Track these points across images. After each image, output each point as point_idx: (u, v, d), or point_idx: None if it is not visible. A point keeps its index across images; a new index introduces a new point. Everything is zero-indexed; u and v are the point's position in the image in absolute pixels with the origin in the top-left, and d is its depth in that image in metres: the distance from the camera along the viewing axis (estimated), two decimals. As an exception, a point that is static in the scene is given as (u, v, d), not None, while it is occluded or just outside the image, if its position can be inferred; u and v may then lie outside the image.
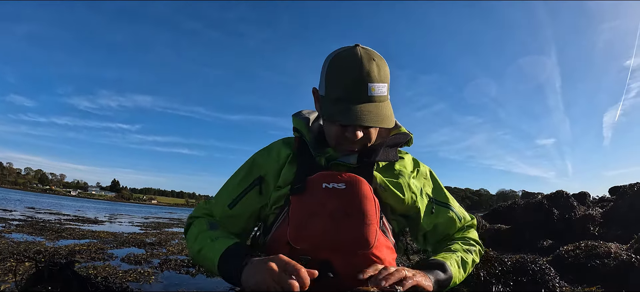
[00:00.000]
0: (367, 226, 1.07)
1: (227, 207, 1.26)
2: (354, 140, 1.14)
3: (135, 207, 60.21)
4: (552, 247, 6.39)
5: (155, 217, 25.10)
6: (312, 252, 1.06)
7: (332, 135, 1.19)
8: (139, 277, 4.92)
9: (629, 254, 4.25)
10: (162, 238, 10.29)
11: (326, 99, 1.15)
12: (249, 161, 1.34)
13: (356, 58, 1.09)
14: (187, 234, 1.28)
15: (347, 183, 1.11)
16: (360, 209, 1.08)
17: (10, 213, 15.03)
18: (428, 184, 1.35)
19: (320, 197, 1.09)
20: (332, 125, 1.17)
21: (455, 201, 1.41)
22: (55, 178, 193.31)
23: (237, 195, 1.26)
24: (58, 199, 56.19)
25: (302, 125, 1.28)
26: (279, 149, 1.30)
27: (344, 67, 1.10)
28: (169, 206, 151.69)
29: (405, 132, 1.31)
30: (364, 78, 1.07)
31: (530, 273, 3.39)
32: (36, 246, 6.44)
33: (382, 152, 1.23)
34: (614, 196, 10.06)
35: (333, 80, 1.12)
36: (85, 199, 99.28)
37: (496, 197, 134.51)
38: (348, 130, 1.13)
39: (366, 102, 1.08)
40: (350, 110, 1.07)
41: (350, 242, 1.06)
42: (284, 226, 1.14)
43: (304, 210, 1.09)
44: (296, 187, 1.14)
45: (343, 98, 1.09)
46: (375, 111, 1.08)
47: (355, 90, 1.08)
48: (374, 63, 1.09)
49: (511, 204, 10.53)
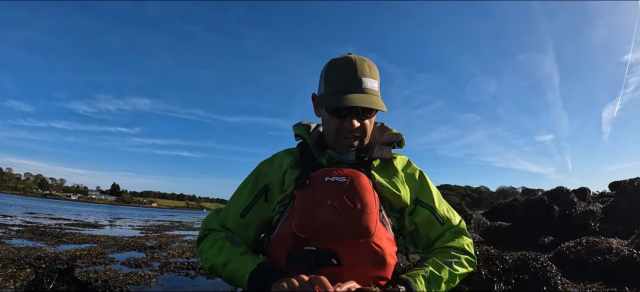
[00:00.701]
0: (367, 215, 1.13)
1: (239, 216, 1.33)
2: (351, 129, 1.26)
3: (135, 211, 60.20)
4: (553, 244, 6.39)
5: (156, 221, 25.12)
6: (316, 241, 1.13)
7: (332, 129, 1.30)
8: (139, 280, 4.92)
9: (631, 250, 4.24)
10: (163, 241, 10.30)
11: (325, 95, 1.29)
12: (254, 171, 1.42)
13: (351, 60, 1.27)
14: (202, 244, 1.32)
15: (348, 176, 1.19)
16: (361, 199, 1.15)
17: (11, 219, 15.06)
18: (415, 185, 1.39)
19: (323, 189, 1.17)
20: (332, 119, 1.28)
21: (443, 204, 1.41)
22: (55, 183, 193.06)
23: (247, 204, 1.33)
24: (58, 204, 56.23)
25: (303, 131, 1.42)
26: (281, 158, 1.40)
27: (340, 66, 1.27)
28: (169, 208, 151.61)
29: (397, 133, 1.43)
30: (357, 73, 1.24)
31: (532, 270, 3.38)
32: (37, 252, 6.44)
33: (377, 150, 1.34)
34: (614, 191, 10.09)
35: (331, 78, 1.28)
36: (85, 203, 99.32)
37: (496, 194, 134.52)
38: (346, 121, 1.26)
39: (361, 93, 1.24)
40: (347, 98, 1.22)
41: (352, 230, 1.12)
42: (289, 219, 1.20)
43: (308, 201, 1.16)
44: (300, 182, 1.21)
45: (340, 91, 1.24)
46: (369, 99, 1.23)
47: (351, 84, 1.24)
48: (366, 63, 1.28)
49: (511, 201, 10.52)
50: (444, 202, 1.42)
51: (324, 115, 1.33)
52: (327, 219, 1.12)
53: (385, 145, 1.38)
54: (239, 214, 1.33)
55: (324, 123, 1.36)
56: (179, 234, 13.86)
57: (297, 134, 1.44)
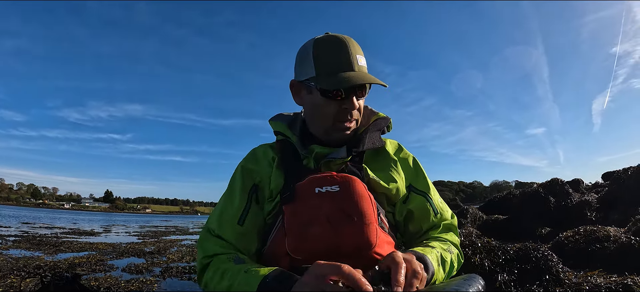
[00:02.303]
0: (367, 226, 1.00)
1: (237, 224, 1.14)
2: (353, 110, 1.17)
3: (130, 217, 59.74)
4: (550, 235, 6.46)
5: (152, 226, 24.94)
6: (312, 261, 0.90)
7: (330, 113, 1.17)
8: (141, 286, 4.90)
9: (628, 236, 4.32)
10: (161, 246, 10.25)
11: (319, 77, 1.15)
12: (238, 170, 1.26)
13: (340, 38, 1.17)
14: (205, 275, 1.11)
15: (341, 185, 1.05)
16: (358, 210, 1.02)
17: (6, 229, 14.86)
18: (410, 171, 1.29)
19: (314, 204, 1.03)
20: (329, 103, 1.16)
21: (436, 194, 1.31)
22: (47, 192, 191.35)
23: (243, 208, 1.17)
24: (52, 213, 55.62)
25: (283, 128, 1.26)
26: (264, 152, 1.28)
27: (331, 45, 1.16)
28: (163, 214, 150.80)
29: (385, 117, 1.32)
30: (351, 51, 1.15)
31: (534, 260, 3.43)
32: (35, 261, 6.37)
33: (368, 140, 1.23)
34: (607, 182, 10.21)
35: (324, 58, 1.15)
36: (79, 212, 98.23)
37: (490, 189, 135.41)
38: (346, 102, 1.15)
39: (357, 70, 1.15)
40: (349, 76, 1.11)
41: (352, 246, 0.99)
42: (279, 236, 1.08)
43: (299, 219, 1.03)
44: (286, 196, 1.08)
45: (336, 70, 1.13)
46: (370, 76, 1.15)
47: (348, 62, 1.14)
48: (353, 41, 1.18)
49: (506, 194, 10.62)
50: (437, 193, 1.32)
51: (315, 101, 1.18)
52: (324, 239, 0.99)
53: (375, 131, 1.27)
54: (236, 221, 1.14)
55: (315, 109, 1.20)
56: (177, 239, 13.79)
57: (277, 132, 1.29)
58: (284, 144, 1.24)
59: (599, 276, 3.36)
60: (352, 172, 1.13)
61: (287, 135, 1.23)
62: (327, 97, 1.15)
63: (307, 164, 1.17)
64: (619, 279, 3.17)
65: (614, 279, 3.21)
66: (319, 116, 1.20)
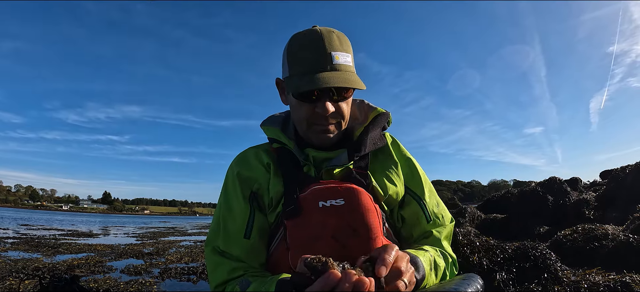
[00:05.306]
0: (373, 241, 0.96)
1: (243, 239, 1.09)
2: (325, 114, 1.06)
3: (128, 218, 59.64)
4: (549, 233, 6.45)
5: (150, 227, 24.89)
6: None
7: (303, 117, 1.10)
8: (141, 287, 4.89)
9: (627, 235, 4.33)
10: (160, 247, 10.23)
11: (291, 78, 1.09)
12: (231, 178, 1.19)
13: (316, 33, 1.07)
14: None
15: (346, 198, 0.99)
16: (363, 224, 0.97)
17: (4, 231, 14.84)
18: (406, 171, 1.23)
19: (319, 219, 0.98)
20: (301, 106, 1.09)
21: (433, 198, 1.23)
22: (46, 194, 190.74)
23: (247, 220, 1.11)
24: (50, 215, 55.48)
25: (277, 133, 1.18)
26: (256, 155, 1.20)
27: (305, 42, 1.07)
28: (161, 215, 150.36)
29: (385, 112, 1.24)
30: (326, 48, 1.04)
31: (532, 259, 3.43)
32: (34, 263, 6.36)
33: (369, 141, 1.16)
34: (605, 180, 10.21)
35: (296, 56, 1.08)
36: (77, 213, 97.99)
37: (488, 188, 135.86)
38: (318, 106, 1.06)
39: (332, 70, 1.04)
40: (317, 78, 1.01)
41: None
42: (281, 248, 1.05)
43: (303, 235, 0.98)
44: (289, 209, 1.02)
45: (308, 70, 1.04)
46: (343, 77, 1.03)
47: (320, 61, 1.04)
48: (335, 35, 1.07)
49: (504, 193, 10.59)
50: (436, 196, 1.25)
51: (291, 102, 1.14)
52: (329, 255, 0.88)
53: (375, 130, 1.20)
54: (242, 235, 1.09)
55: (293, 111, 1.15)
56: (175, 240, 13.76)
57: (271, 138, 1.21)
58: (281, 150, 1.17)
59: (598, 274, 3.37)
60: (357, 180, 1.08)
61: (283, 142, 1.16)
62: (299, 99, 1.08)
63: (307, 171, 1.12)
64: (618, 277, 3.18)
65: (613, 277, 3.21)
66: (295, 119, 1.16)
